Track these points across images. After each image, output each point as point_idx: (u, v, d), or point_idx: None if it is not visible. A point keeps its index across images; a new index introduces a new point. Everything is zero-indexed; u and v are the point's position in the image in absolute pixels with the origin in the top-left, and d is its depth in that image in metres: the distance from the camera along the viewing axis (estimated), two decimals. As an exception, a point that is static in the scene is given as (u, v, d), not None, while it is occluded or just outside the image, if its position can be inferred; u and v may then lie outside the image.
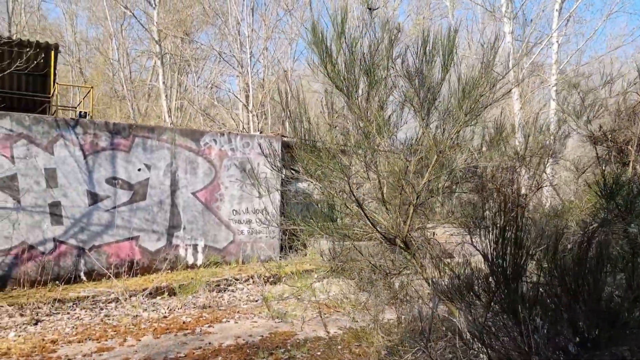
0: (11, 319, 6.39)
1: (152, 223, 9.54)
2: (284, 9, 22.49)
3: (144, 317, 6.80)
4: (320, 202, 3.82)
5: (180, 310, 7.28)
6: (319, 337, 6.07)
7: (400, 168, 3.83)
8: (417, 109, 3.70)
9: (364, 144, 3.79)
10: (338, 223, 3.58)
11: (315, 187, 4.20)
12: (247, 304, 7.97)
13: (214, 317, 6.94)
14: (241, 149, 10.70)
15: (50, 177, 8.41)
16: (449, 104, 3.80)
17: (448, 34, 3.71)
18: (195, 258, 10.09)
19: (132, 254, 9.26)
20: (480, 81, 3.56)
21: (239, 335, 6.08)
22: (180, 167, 9.89)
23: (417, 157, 3.75)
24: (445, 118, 3.83)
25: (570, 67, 17.98)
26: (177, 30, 22.69)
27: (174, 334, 6.09)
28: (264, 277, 9.44)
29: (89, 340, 5.71)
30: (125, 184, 9.23)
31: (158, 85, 22.25)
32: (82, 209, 8.74)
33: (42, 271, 8.17)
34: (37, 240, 8.23)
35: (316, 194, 4.71)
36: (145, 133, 9.50)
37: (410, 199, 3.78)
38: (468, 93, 3.50)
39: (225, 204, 10.52)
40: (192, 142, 10.08)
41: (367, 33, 3.83)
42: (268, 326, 6.58)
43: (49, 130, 8.44)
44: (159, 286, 8.15)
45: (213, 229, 10.35)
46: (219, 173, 10.42)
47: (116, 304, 7.41)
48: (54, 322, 6.41)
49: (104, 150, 9.00)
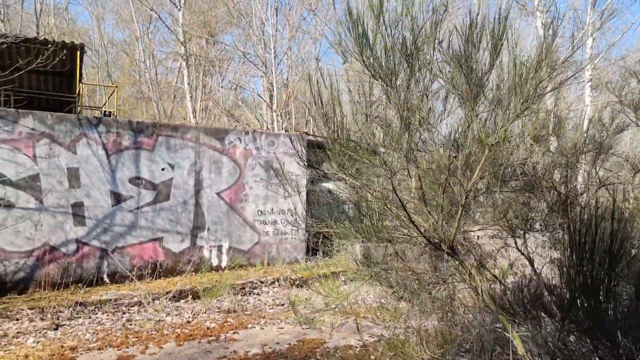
0: (31, 324, 6.19)
1: (176, 224, 9.31)
2: (307, 8, 22.24)
3: (167, 322, 6.53)
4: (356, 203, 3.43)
5: (204, 314, 7.00)
6: (349, 346, 5.70)
7: (445, 164, 3.43)
8: (466, 97, 3.29)
9: (405, 136, 3.40)
10: (378, 225, 3.19)
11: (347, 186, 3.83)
12: (273, 308, 7.64)
13: (239, 322, 6.63)
14: (266, 147, 10.40)
15: (73, 177, 8.24)
16: (501, 91, 3.38)
17: (499, 15, 3.30)
18: (219, 260, 9.82)
19: (156, 256, 9.04)
20: (542, 64, 3.13)
21: (266, 343, 5.75)
22: (204, 167, 9.63)
23: (466, 152, 3.34)
24: (496, 107, 3.41)
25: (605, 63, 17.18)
26: (201, 31, 22.65)
27: (197, 340, 5.79)
28: (290, 279, 9.11)
29: (110, 347, 5.45)
30: (149, 184, 9.02)
31: (183, 87, 22.23)
32: (105, 209, 8.54)
33: (65, 273, 7.99)
34: (59, 241, 8.06)
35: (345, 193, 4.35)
36: (169, 132, 9.28)
37: (458, 199, 3.37)
38: (526, 78, 3.08)
39: (250, 204, 10.23)
40: (216, 140, 9.82)
41: (408, 14, 3.44)
42: (295, 333, 6.23)
43: (72, 129, 8.27)
44: (183, 289, 7.89)
45: (238, 230, 10.06)
46: (244, 172, 10.13)
47: (139, 308, 7.16)
48: (74, 327, 6.19)
49: (127, 150, 8.80)
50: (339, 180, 3.89)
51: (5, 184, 7.65)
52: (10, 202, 7.68)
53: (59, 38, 11.76)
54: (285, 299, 8.10)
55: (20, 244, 7.73)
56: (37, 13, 20.46)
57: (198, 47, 23.88)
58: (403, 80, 3.46)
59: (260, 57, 20.18)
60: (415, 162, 3.52)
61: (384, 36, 3.41)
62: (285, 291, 8.61)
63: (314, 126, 3.59)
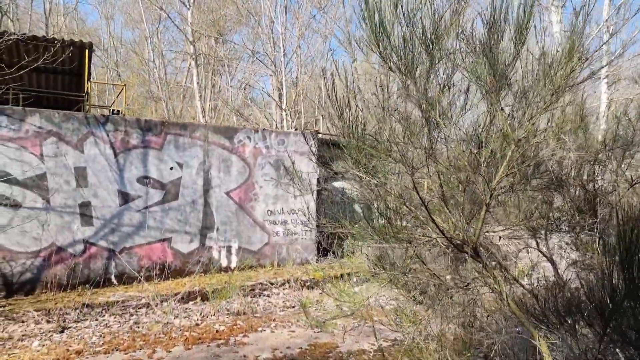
0: (37, 326, 6.06)
1: (185, 224, 9.16)
2: (316, 7, 22.06)
3: (175, 325, 6.37)
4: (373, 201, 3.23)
5: (213, 317, 6.83)
6: (362, 350, 5.51)
7: (468, 160, 3.22)
8: (491, 88, 3.08)
9: (425, 131, 3.20)
10: (397, 226, 2.99)
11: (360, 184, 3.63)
12: (284, 310, 7.46)
13: (248, 325, 6.46)
14: (276, 146, 10.22)
15: (80, 176, 8.11)
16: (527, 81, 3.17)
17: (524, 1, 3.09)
18: (229, 260, 9.66)
19: (164, 256, 8.89)
20: (572, 53, 2.92)
21: (276, 347, 5.57)
22: (213, 166, 9.48)
23: (490, 147, 3.13)
24: (522, 99, 3.20)
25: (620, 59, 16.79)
26: (211, 30, 22.56)
27: (206, 344, 5.63)
28: (301, 281, 8.93)
29: (116, 351, 5.30)
30: (157, 183, 8.87)
31: (192, 87, 22.16)
32: (113, 209, 8.41)
33: (72, 274, 7.86)
34: (66, 241, 7.93)
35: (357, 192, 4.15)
36: (178, 130, 9.13)
37: (482, 197, 3.16)
38: (557, 68, 2.86)
39: (260, 203, 10.06)
40: (225, 139, 9.66)
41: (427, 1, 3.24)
42: (307, 336, 6.04)
43: (79, 128, 8.15)
44: (192, 290, 7.73)
45: (247, 230, 9.90)
46: (253, 172, 9.96)
47: (146, 310, 7.02)
48: (81, 330, 6.05)
49: (136, 148, 8.66)
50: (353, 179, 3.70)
51: (12, 183, 7.53)
52: (17, 201, 7.57)
53: (68, 38, 11.67)
54: (295, 300, 7.92)
55: (27, 244, 7.62)
56: (46, 13, 20.46)
57: (207, 46, 23.81)
58: (422, 71, 3.26)
59: (269, 55, 20.04)
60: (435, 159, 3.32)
61: (403, 25, 3.22)
62: (295, 293, 8.43)
63: (329, 122, 3.48)
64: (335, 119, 3.39)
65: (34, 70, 11.30)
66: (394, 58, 3.25)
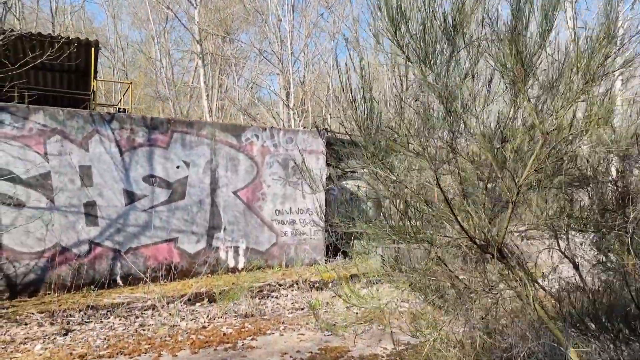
0: (40, 329, 5.91)
1: (191, 224, 8.99)
2: (324, 5, 21.89)
3: (182, 328, 6.19)
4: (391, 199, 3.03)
5: (220, 319, 6.65)
6: (375, 355, 5.30)
7: (493, 155, 3.01)
8: (518, 77, 2.86)
9: (446, 123, 2.99)
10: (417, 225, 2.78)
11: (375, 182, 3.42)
12: (293, 312, 7.26)
13: (257, 328, 6.26)
14: (284, 145, 10.03)
15: (85, 175, 7.96)
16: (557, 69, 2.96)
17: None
18: (236, 261, 9.48)
19: (171, 257, 8.73)
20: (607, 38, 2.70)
21: (286, 351, 5.37)
22: (220, 164, 9.30)
23: (517, 141, 2.92)
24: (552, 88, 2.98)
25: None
26: (218, 29, 22.43)
27: (213, 348, 5.44)
28: (310, 282, 8.73)
29: (121, 355, 5.13)
30: (163, 183, 8.71)
31: (199, 86, 22.04)
32: (119, 208, 8.26)
33: (76, 275, 7.71)
34: (71, 242, 7.78)
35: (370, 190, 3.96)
36: (184, 128, 8.96)
37: (508, 195, 2.95)
38: (592, 52, 2.65)
39: (268, 203, 9.87)
40: (232, 137, 9.48)
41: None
42: (317, 340, 5.84)
43: (84, 126, 8.00)
44: (199, 292, 7.56)
45: (255, 230, 9.71)
46: (261, 170, 9.78)
47: (152, 312, 6.85)
48: (85, 333, 5.88)
49: (141, 147, 8.50)
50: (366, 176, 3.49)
51: (15, 182, 7.39)
52: (21, 201, 7.43)
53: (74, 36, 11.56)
54: (304, 302, 7.72)
55: (31, 244, 7.47)
56: (52, 12, 20.42)
57: (214, 45, 23.69)
58: (443, 60, 3.06)
59: (276, 54, 19.87)
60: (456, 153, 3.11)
61: (421, 10, 3.01)
62: (304, 294, 8.23)
63: (343, 117, 3.37)
64: (349, 112, 3.18)
65: (39, 68, 11.20)
66: (413, 46, 3.05)
